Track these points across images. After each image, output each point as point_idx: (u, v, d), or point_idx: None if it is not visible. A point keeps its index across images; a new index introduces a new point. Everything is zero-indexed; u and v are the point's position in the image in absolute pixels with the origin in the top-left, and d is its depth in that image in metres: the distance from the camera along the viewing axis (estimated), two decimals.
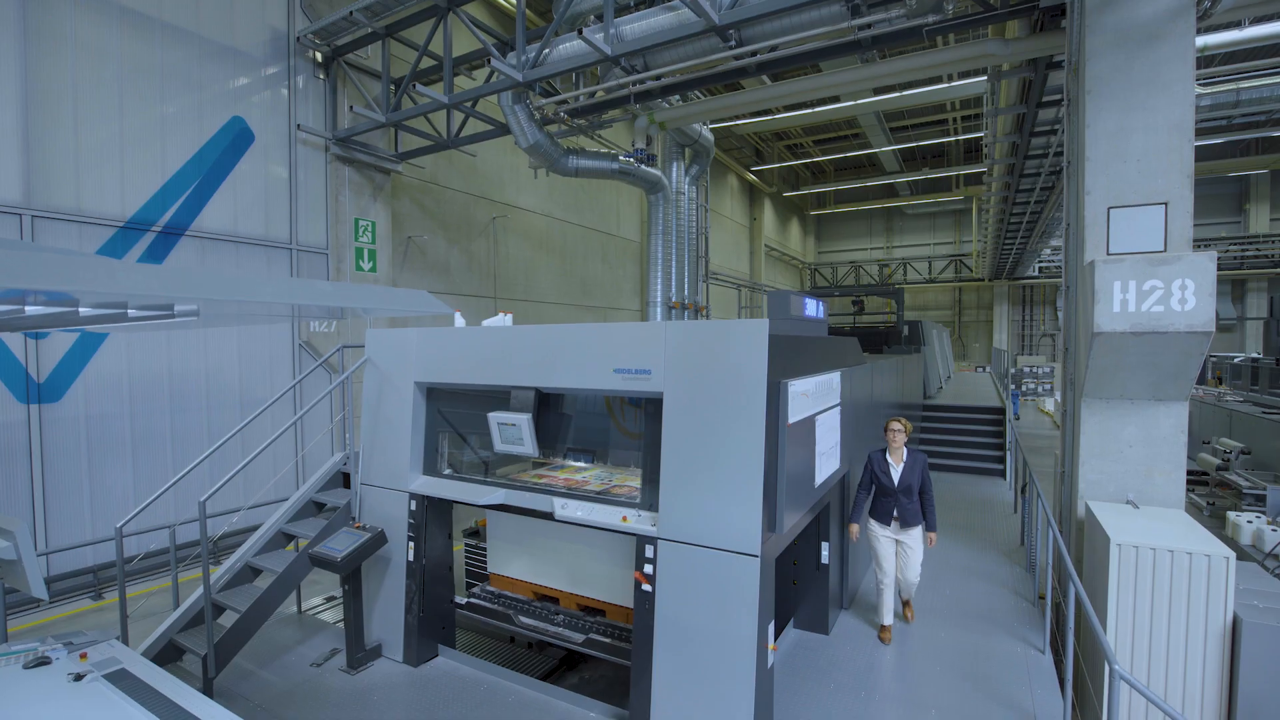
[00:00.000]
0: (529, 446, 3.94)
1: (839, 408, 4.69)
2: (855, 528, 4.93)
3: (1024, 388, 22.36)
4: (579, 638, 4.22)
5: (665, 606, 3.48)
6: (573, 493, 4.02)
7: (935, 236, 30.72)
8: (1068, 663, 3.65)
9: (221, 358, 8.69)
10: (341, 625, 5.11)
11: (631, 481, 4.15)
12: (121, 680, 2.65)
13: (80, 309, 1.80)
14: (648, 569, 3.52)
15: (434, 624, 4.64)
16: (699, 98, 10.10)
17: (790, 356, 3.73)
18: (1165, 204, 5.08)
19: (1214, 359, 17.28)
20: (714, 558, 3.34)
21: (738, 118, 19.65)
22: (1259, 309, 24.44)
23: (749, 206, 26.34)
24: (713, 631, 3.34)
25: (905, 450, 4.79)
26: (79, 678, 2.64)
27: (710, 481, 3.38)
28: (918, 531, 4.80)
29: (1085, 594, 3.62)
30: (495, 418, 4.02)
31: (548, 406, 4.16)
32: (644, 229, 18.60)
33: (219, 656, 4.10)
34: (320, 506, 5.06)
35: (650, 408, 3.71)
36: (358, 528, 4.46)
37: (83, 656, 2.82)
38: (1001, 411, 11.12)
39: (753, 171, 24.78)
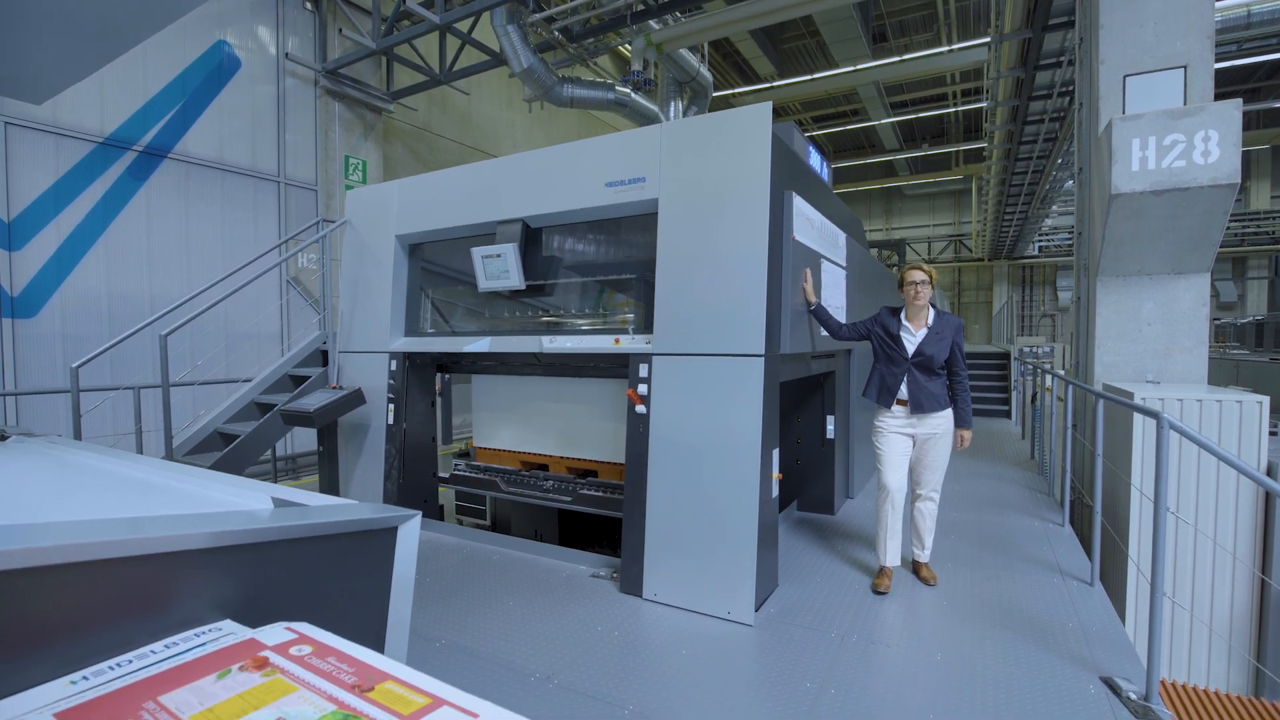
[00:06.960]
0: (515, 278, 3.68)
1: (845, 274, 4.44)
2: (808, 286, 3.47)
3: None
4: (568, 499, 3.96)
5: (661, 427, 3.21)
6: (560, 329, 3.76)
7: (934, 218, 30.56)
8: (1097, 487, 3.39)
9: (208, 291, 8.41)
10: None
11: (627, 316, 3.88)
12: (55, 442, 2.38)
13: None
14: (642, 389, 3.26)
15: (414, 495, 4.37)
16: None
17: (795, 172, 3.48)
18: (1185, 67, 4.86)
19: (1216, 321, 17.09)
20: (714, 365, 3.07)
21: (735, 90, 19.47)
22: (1259, 287, 24.28)
23: None
24: (713, 448, 3.06)
25: (931, 311, 3.30)
26: (3, 438, 2.37)
27: (709, 290, 3.12)
28: (942, 422, 3.26)
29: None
30: (479, 251, 3.76)
31: (536, 245, 3.90)
32: None
33: None
34: (298, 382, 4.79)
35: (645, 225, 3.45)
36: (334, 388, 4.20)
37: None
38: (1005, 356, 10.89)
39: None
